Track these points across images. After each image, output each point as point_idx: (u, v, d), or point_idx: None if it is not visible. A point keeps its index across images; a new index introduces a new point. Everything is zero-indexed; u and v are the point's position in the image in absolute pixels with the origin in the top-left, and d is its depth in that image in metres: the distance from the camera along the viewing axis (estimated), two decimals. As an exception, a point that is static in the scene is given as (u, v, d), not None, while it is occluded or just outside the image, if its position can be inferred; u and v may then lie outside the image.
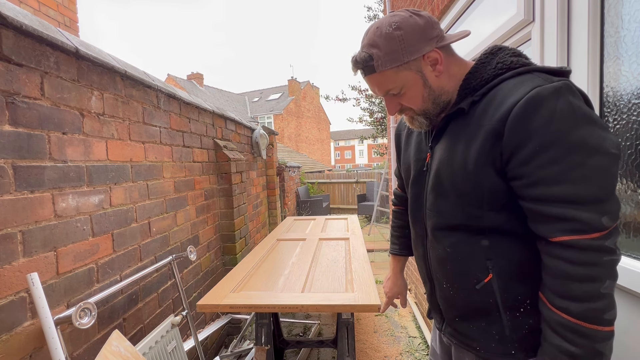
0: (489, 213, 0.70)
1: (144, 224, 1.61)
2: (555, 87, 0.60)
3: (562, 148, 0.58)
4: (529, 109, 0.60)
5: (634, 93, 0.83)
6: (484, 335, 0.76)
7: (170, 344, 1.50)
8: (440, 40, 0.71)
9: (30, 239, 1.01)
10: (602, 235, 0.57)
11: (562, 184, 0.59)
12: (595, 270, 0.58)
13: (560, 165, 0.58)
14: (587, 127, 0.58)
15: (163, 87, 1.80)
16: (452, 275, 0.77)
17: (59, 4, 2.95)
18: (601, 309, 0.58)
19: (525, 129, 0.61)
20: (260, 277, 1.79)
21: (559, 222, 0.60)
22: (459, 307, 0.79)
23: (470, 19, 1.80)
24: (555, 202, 0.60)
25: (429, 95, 0.74)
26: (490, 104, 0.67)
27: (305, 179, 9.65)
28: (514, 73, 0.67)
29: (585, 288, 0.59)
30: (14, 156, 0.97)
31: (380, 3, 9.46)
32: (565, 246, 0.60)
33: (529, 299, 0.71)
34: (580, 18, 0.95)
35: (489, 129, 0.65)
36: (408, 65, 0.71)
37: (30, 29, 1.00)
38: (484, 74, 0.70)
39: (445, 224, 0.76)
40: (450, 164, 0.72)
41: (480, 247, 0.72)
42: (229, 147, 2.71)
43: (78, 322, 1.02)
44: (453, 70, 0.74)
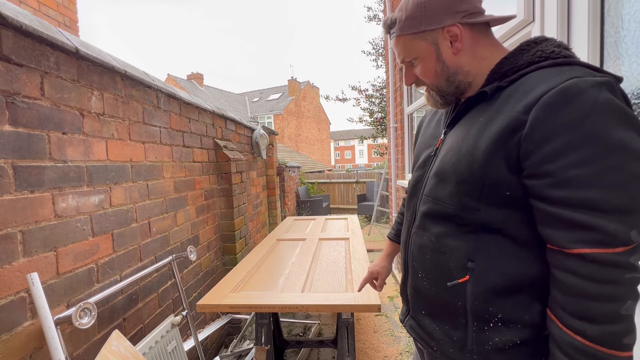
0: (487, 207, 0.63)
1: (144, 224, 1.61)
2: (597, 81, 0.53)
3: (600, 148, 0.51)
4: (562, 99, 0.53)
5: (634, 93, 0.83)
6: (444, 337, 0.71)
7: (170, 344, 1.50)
8: (469, 16, 0.66)
9: (30, 239, 1.01)
10: (627, 250, 0.51)
11: (593, 188, 0.51)
12: (617, 290, 0.52)
13: (594, 167, 0.51)
14: (628, 130, 0.51)
15: (163, 87, 1.80)
16: (430, 265, 0.72)
17: (59, 4, 2.95)
18: (620, 333, 0.52)
19: (555, 121, 0.53)
20: (260, 277, 1.79)
21: (581, 230, 0.53)
22: (429, 301, 0.74)
23: (470, 19, 1.80)
24: (580, 208, 0.53)
25: (441, 71, 0.70)
26: (517, 90, 0.60)
27: (305, 179, 9.65)
28: (552, 63, 0.59)
29: (604, 309, 0.52)
30: (14, 156, 0.97)
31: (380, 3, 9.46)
32: (586, 260, 0.53)
33: (501, 314, 0.64)
34: (580, 18, 0.95)
35: (509, 116, 0.59)
36: (424, 34, 0.68)
37: (30, 29, 1.00)
38: (519, 61, 0.64)
39: (438, 212, 0.71)
40: (458, 149, 0.67)
41: (467, 245, 0.66)
42: (229, 147, 2.71)
43: (78, 322, 1.02)
44: (481, 52, 0.69)
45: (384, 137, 10.09)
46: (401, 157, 3.45)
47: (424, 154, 0.81)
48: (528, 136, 0.56)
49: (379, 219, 7.19)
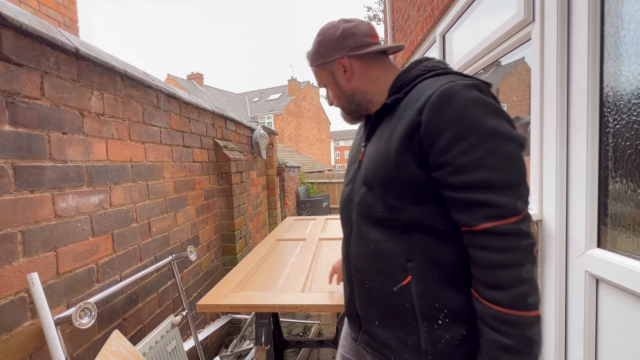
0: (410, 206, 0.70)
1: (144, 224, 1.61)
2: (467, 83, 0.65)
3: (479, 135, 0.61)
4: (443, 99, 0.64)
5: (634, 93, 0.83)
6: (399, 344, 0.73)
7: (170, 344, 1.50)
8: (354, 49, 0.80)
9: (30, 239, 1.01)
10: (518, 220, 0.60)
11: (483, 169, 0.61)
12: (516, 255, 0.60)
13: (479, 152, 0.61)
14: (497, 118, 0.62)
15: (163, 87, 1.80)
16: (374, 273, 0.75)
17: (59, 4, 2.95)
18: (525, 294, 0.59)
19: (441, 118, 0.63)
20: (260, 277, 1.79)
21: (481, 208, 0.61)
22: (379, 311, 0.76)
23: (470, 19, 1.80)
24: (476, 189, 0.61)
25: (341, 94, 0.85)
26: (411, 98, 0.71)
27: (305, 179, 9.65)
28: (433, 74, 0.72)
29: (510, 274, 0.59)
30: (14, 156, 0.97)
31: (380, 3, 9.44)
32: (489, 233, 0.61)
33: (446, 308, 0.69)
34: (580, 18, 0.95)
35: (408, 120, 0.68)
36: (323, 66, 0.84)
37: (30, 29, 1.00)
38: (409, 75, 0.76)
39: (371, 218, 0.75)
40: (375, 156, 0.75)
41: (402, 246, 0.71)
42: (229, 147, 2.71)
43: (78, 322, 1.02)
44: (374, 74, 0.82)
45: (384, 137, 10.05)
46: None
47: (351, 169, 0.88)
48: (424, 134, 0.65)
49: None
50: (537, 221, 1.12)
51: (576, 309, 1.00)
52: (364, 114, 0.87)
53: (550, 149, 1.07)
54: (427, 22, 2.31)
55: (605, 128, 0.92)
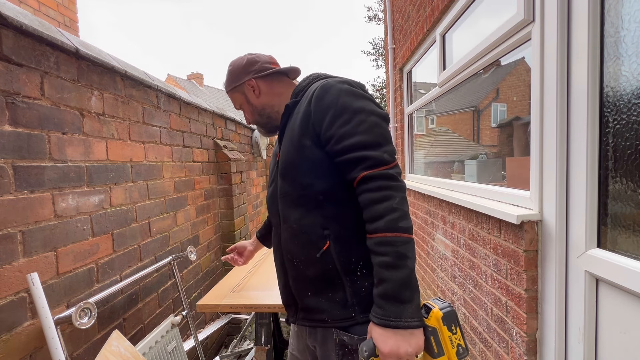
0: (316, 180, 0.85)
1: (144, 224, 1.61)
2: (339, 80, 0.86)
3: (350, 112, 0.80)
4: (323, 91, 0.83)
5: (634, 93, 0.83)
6: (331, 305, 0.85)
7: (170, 344, 1.50)
8: (258, 72, 1.01)
9: (30, 239, 1.01)
10: (388, 167, 0.77)
11: (356, 135, 0.79)
12: (388, 192, 0.76)
13: (352, 124, 0.79)
14: (363, 100, 0.82)
15: (163, 87, 1.80)
16: (300, 247, 0.88)
17: (59, 4, 2.95)
18: (396, 219, 0.73)
19: (323, 104, 0.82)
20: (260, 277, 1.79)
21: (359, 163, 0.78)
22: (309, 281, 0.88)
23: (470, 19, 1.80)
24: (354, 150, 0.78)
25: (253, 110, 1.04)
26: (304, 98, 0.90)
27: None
28: (318, 79, 0.93)
29: (383, 206, 0.74)
30: (14, 156, 0.97)
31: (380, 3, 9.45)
32: (366, 179, 0.77)
33: (362, 261, 0.83)
34: (580, 18, 0.95)
35: (303, 112, 0.86)
36: (236, 89, 1.03)
37: (30, 29, 1.00)
38: (302, 84, 0.96)
39: (290, 200, 0.89)
40: (286, 148, 0.90)
41: (318, 218, 0.85)
42: (229, 147, 2.71)
43: (78, 322, 1.02)
44: (278, 90, 1.02)
45: (384, 137, 10.05)
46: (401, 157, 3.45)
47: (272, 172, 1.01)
48: (314, 119, 0.83)
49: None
50: (537, 221, 1.12)
51: (576, 309, 1.00)
52: (275, 126, 1.02)
53: (550, 149, 1.07)
54: (427, 22, 2.31)
55: (605, 128, 0.92)
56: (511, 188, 1.38)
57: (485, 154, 1.91)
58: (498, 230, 1.31)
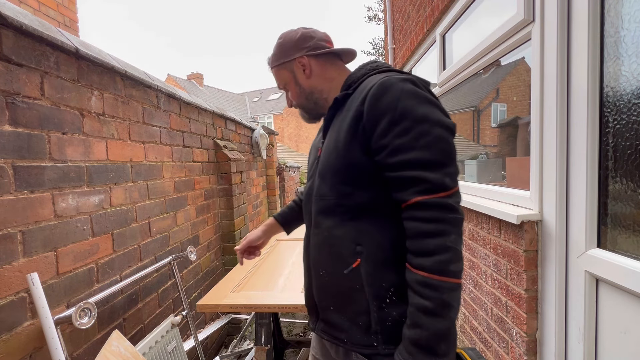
0: (358, 191, 0.76)
1: (144, 224, 1.61)
2: (401, 77, 0.73)
3: (411, 120, 0.68)
4: (380, 91, 0.71)
5: (634, 93, 0.83)
6: (352, 326, 0.78)
7: (170, 344, 1.50)
8: (312, 50, 0.89)
9: (30, 239, 1.01)
10: (446, 195, 0.66)
11: (414, 150, 0.67)
12: (443, 226, 0.65)
13: (411, 135, 0.67)
14: (428, 106, 0.69)
15: (163, 87, 1.80)
16: (327, 259, 0.81)
17: (59, 4, 2.95)
18: (447, 261, 0.64)
19: (380, 105, 0.71)
20: (260, 277, 1.79)
21: (413, 184, 0.67)
22: (332, 295, 0.81)
23: (470, 19, 1.80)
24: (410, 167, 0.68)
25: (301, 92, 0.92)
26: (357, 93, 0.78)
27: (305, 179, 9.65)
28: (376, 72, 0.80)
29: (435, 242, 0.65)
30: (14, 156, 0.97)
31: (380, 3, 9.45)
32: (418, 206, 0.67)
33: (393, 287, 0.74)
34: (580, 18, 0.95)
35: (354, 110, 0.75)
36: (284, 65, 0.92)
37: (30, 29, 1.00)
38: (357, 75, 0.84)
39: (325, 206, 0.81)
40: (329, 148, 0.81)
41: (352, 231, 0.77)
42: (229, 147, 2.71)
43: (78, 322, 1.02)
44: (330, 74, 0.91)
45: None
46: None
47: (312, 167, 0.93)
48: (366, 121, 0.73)
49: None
50: (537, 221, 1.12)
51: (576, 309, 1.00)
52: (321, 113, 0.93)
53: (550, 149, 1.07)
54: (427, 22, 2.31)
55: (605, 128, 0.92)
56: (511, 188, 1.38)
57: (486, 154, 1.91)
58: (498, 230, 1.32)
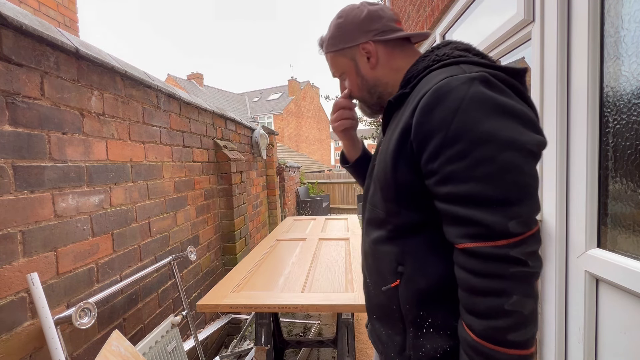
0: (405, 211, 0.65)
1: (144, 224, 1.61)
2: (468, 77, 0.55)
3: (468, 141, 0.52)
4: (434, 100, 0.55)
5: (634, 93, 0.83)
6: (388, 340, 0.72)
7: (170, 344, 1.50)
8: (381, 34, 0.72)
9: (30, 239, 1.01)
10: (508, 244, 0.50)
11: (470, 182, 0.52)
12: (501, 284, 0.51)
13: (467, 161, 0.52)
14: (500, 120, 0.52)
15: (163, 87, 1.80)
16: (371, 270, 0.75)
17: (59, 4, 2.94)
18: (504, 328, 0.50)
19: (430, 120, 0.55)
20: (260, 277, 1.79)
21: (465, 225, 0.54)
22: (375, 305, 0.76)
23: (470, 19, 1.80)
24: (461, 203, 0.54)
25: (362, 84, 0.77)
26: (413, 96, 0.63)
27: (305, 179, 9.65)
28: (441, 64, 0.62)
29: (487, 303, 0.52)
30: (14, 156, 0.97)
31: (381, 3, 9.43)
32: (469, 254, 0.53)
33: (432, 319, 0.64)
34: (580, 18, 0.95)
35: (404, 121, 0.62)
36: (344, 52, 0.76)
37: (30, 29, 1.00)
38: (418, 67, 0.67)
39: (374, 217, 0.73)
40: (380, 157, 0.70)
41: (396, 249, 0.68)
42: (229, 147, 2.71)
43: (78, 322, 1.02)
44: (397, 64, 0.74)
45: (384, 137, 10.08)
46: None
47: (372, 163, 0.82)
48: (414, 138, 0.59)
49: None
50: (537, 221, 1.12)
51: (576, 309, 1.00)
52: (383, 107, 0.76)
53: (550, 149, 1.07)
54: (427, 22, 2.31)
55: (605, 128, 0.92)
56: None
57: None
58: (498, 230, 1.31)
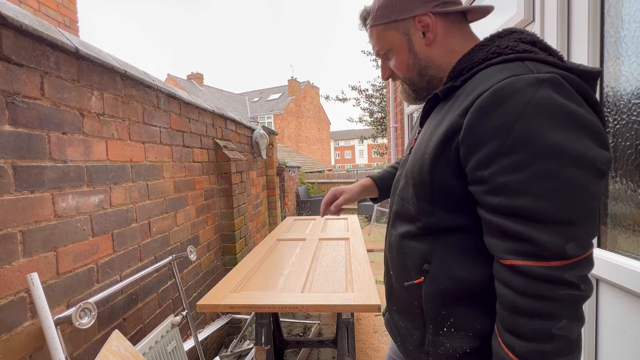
0: (440, 212, 0.62)
1: (144, 224, 1.61)
2: (537, 78, 0.49)
3: (531, 152, 0.48)
4: (494, 102, 0.50)
5: (634, 93, 0.83)
6: (407, 334, 0.72)
7: (170, 344, 1.50)
8: (442, 5, 0.64)
9: (30, 239, 1.01)
10: (563, 265, 0.47)
11: (526, 196, 0.48)
12: (549, 306, 0.48)
13: (526, 174, 0.48)
14: (569, 131, 0.47)
15: (163, 87, 1.80)
16: (396, 264, 0.74)
17: (59, 4, 2.95)
18: (550, 353, 0.48)
19: (487, 124, 0.51)
20: (260, 277, 1.79)
21: (513, 241, 0.50)
22: (396, 298, 0.76)
23: (470, 19, 1.80)
24: (513, 217, 0.50)
25: (413, 63, 0.69)
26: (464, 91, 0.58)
27: (305, 179, 9.65)
28: (502, 59, 0.56)
29: (533, 325, 0.49)
30: (14, 156, 0.97)
31: (380, 3, 9.41)
32: (516, 271, 0.50)
33: (454, 319, 0.63)
34: (580, 18, 0.95)
35: (451, 120, 0.57)
36: (396, 24, 0.67)
37: (30, 29, 1.00)
38: (474, 58, 0.61)
39: (404, 212, 0.71)
40: (416, 152, 0.66)
41: (423, 247, 0.65)
42: (229, 147, 2.71)
43: (78, 322, 1.02)
44: (453, 44, 0.66)
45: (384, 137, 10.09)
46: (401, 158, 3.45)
47: (405, 155, 0.79)
48: (463, 141, 0.54)
49: (379, 219, 7.19)
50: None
51: (576, 309, 1.00)
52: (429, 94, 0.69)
53: (550, 149, 1.07)
54: (427, 22, 2.30)
55: (605, 128, 0.92)
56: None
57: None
58: (498, 230, 1.31)
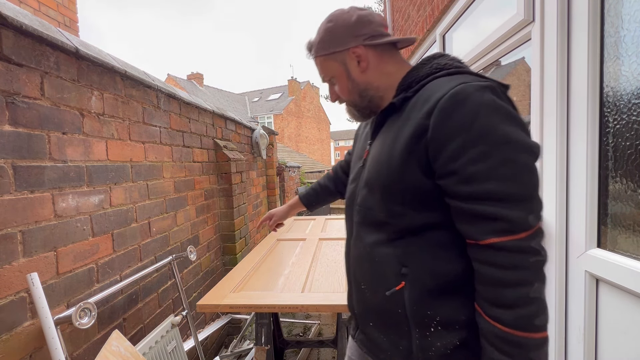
0: (411, 212, 0.67)
1: (144, 224, 1.61)
2: (481, 85, 0.60)
3: (490, 143, 0.57)
4: (453, 103, 0.59)
5: (634, 93, 0.83)
6: (391, 348, 0.72)
7: (170, 344, 1.50)
8: (370, 39, 0.74)
9: (30, 239, 1.01)
10: (528, 235, 0.56)
11: (492, 180, 0.57)
12: (525, 274, 0.56)
13: (490, 161, 0.57)
14: (511, 125, 0.58)
15: (163, 87, 1.80)
16: (369, 276, 0.74)
17: (59, 4, 2.95)
18: (531, 315, 0.56)
19: (451, 123, 0.59)
20: (260, 277, 1.79)
21: (490, 222, 0.57)
22: (374, 312, 0.75)
23: (470, 19, 1.81)
24: (485, 200, 0.57)
25: (353, 88, 0.78)
26: (419, 99, 0.66)
27: (305, 179, 9.65)
28: (445, 73, 0.67)
29: (515, 293, 0.56)
30: (14, 156, 0.97)
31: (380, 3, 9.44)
32: (496, 249, 0.57)
33: (439, 316, 0.66)
34: (580, 18, 0.95)
35: (414, 123, 0.64)
36: (334, 55, 0.77)
37: (30, 29, 1.00)
38: (420, 73, 0.71)
39: (370, 220, 0.74)
40: (379, 158, 0.71)
41: (398, 251, 0.69)
42: (229, 147, 2.71)
43: (78, 322, 1.02)
44: (388, 69, 0.76)
45: (384, 137, 10.07)
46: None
47: (355, 167, 0.84)
48: (432, 140, 0.61)
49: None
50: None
51: (576, 309, 1.00)
52: (374, 112, 0.80)
53: (550, 149, 1.07)
54: (427, 22, 2.31)
55: (605, 128, 0.92)
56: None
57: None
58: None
